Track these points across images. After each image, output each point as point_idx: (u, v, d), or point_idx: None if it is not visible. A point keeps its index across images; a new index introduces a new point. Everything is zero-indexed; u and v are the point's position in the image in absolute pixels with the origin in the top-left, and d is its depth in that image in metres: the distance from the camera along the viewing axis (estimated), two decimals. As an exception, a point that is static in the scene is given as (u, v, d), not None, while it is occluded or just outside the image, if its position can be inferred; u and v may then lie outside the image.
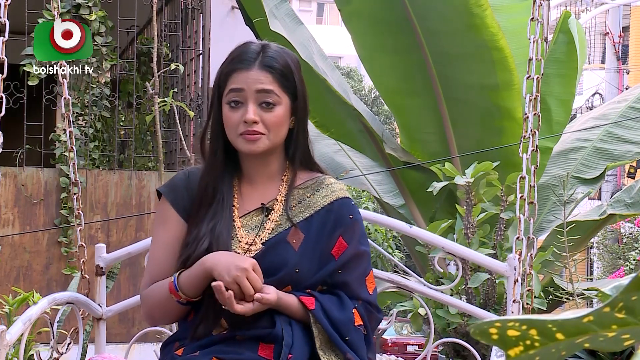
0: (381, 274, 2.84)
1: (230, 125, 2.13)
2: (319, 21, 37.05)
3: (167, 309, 2.15)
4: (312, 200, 2.20)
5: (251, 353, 2.06)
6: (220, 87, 2.16)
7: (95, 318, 2.83)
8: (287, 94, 2.15)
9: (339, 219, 2.18)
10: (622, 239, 15.40)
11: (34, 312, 2.39)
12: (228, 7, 7.64)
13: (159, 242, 2.20)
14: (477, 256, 2.89)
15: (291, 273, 2.10)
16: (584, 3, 21.87)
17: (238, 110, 2.12)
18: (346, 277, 2.16)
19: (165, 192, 2.22)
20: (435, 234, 3.06)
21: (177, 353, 2.12)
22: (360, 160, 7.70)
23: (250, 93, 2.11)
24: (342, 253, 2.15)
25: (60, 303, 2.63)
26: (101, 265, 2.85)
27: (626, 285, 0.70)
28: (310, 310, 2.09)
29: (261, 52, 2.15)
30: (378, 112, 27.25)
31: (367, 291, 2.19)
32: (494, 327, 0.73)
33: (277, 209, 2.18)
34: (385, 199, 7.51)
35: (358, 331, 2.14)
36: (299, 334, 2.10)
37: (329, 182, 2.25)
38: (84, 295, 2.79)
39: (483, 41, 6.11)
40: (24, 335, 2.36)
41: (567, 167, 7.05)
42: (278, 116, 2.13)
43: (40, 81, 6.73)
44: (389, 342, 16.92)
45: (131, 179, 7.01)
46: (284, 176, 2.22)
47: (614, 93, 18.68)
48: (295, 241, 2.14)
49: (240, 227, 2.16)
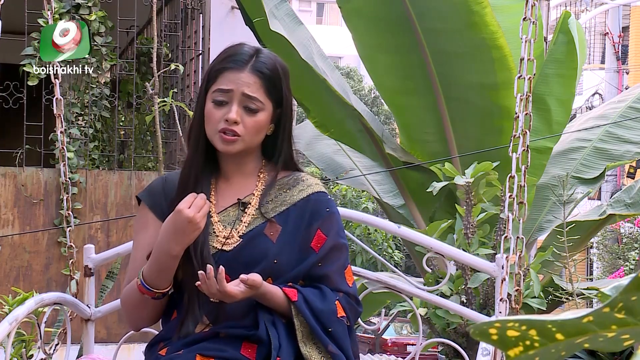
0: (371, 274, 2.83)
1: (211, 121, 2.15)
2: (319, 21, 37.05)
3: (143, 308, 2.18)
4: (289, 195, 2.22)
5: (234, 351, 2.07)
6: (208, 82, 2.18)
7: (83, 319, 2.82)
8: (271, 100, 2.17)
9: (316, 212, 2.20)
10: (622, 239, 15.40)
11: (21, 313, 2.39)
12: (228, 7, 7.63)
13: (139, 246, 2.23)
14: (466, 257, 2.88)
15: (270, 264, 2.12)
16: (584, 3, 21.88)
17: (221, 108, 2.15)
18: (326, 270, 2.18)
19: (143, 197, 2.27)
20: (423, 234, 3.05)
21: (160, 353, 2.13)
22: (360, 160, 7.71)
23: (236, 94, 2.14)
24: (322, 245, 2.17)
25: (47, 304, 2.62)
26: (90, 266, 2.84)
27: (626, 285, 0.70)
28: (293, 301, 2.10)
29: (254, 55, 2.18)
30: (378, 112, 27.25)
31: (347, 284, 2.21)
32: (494, 327, 0.73)
33: (254, 203, 2.20)
34: (385, 199, 7.51)
35: (341, 323, 2.15)
36: (284, 334, 2.11)
37: (304, 177, 2.27)
38: (72, 296, 2.78)
39: (482, 40, 6.11)
40: (11, 335, 2.35)
41: (567, 167, 7.05)
42: (259, 122, 2.16)
43: (40, 81, 6.73)
44: (389, 342, 16.91)
45: (131, 179, 7.01)
46: (260, 173, 2.24)
47: (614, 93, 18.69)
48: (273, 233, 2.16)
49: (217, 222, 2.18)
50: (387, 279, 2.82)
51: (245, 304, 2.11)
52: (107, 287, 3.59)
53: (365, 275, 2.82)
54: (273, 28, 5.95)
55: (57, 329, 3.53)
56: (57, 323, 3.68)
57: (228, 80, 2.15)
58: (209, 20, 7.45)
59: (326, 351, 2.11)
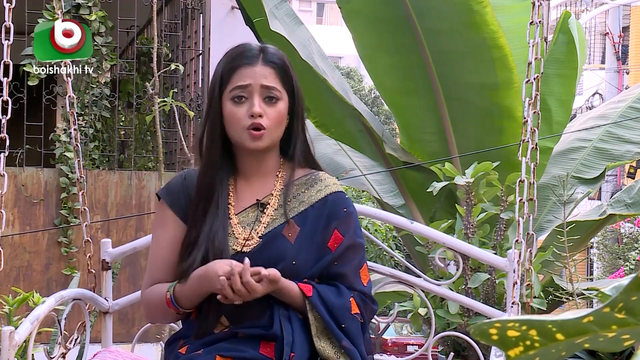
0: (382, 268, 2.85)
1: (236, 120, 2.16)
2: (319, 21, 37.05)
3: (166, 315, 2.24)
4: (307, 195, 2.23)
5: (253, 351, 2.09)
6: (222, 85, 2.19)
7: (101, 312, 2.86)
8: (286, 90, 2.20)
9: (334, 212, 2.21)
10: (622, 239, 15.41)
11: (42, 311, 2.40)
12: (228, 7, 7.64)
13: (159, 243, 2.25)
14: (478, 252, 2.92)
15: (289, 265, 2.14)
16: (584, 3, 21.88)
17: (243, 105, 2.16)
18: (342, 269, 2.19)
19: (163, 195, 2.27)
20: (436, 230, 3.08)
21: (180, 351, 2.15)
22: (360, 160, 7.70)
23: (255, 87, 2.16)
24: (339, 245, 2.19)
25: (67, 300, 2.66)
26: (107, 259, 2.89)
27: (626, 285, 0.70)
28: (308, 297, 2.12)
29: (262, 50, 2.21)
30: (378, 112, 27.26)
31: (362, 282, 2.22)
32: (494, 327, 0.73)
33: (273, 204, 2.21)
34: (385, 199, 7.50)
35: (355, 319, 2.16)
36: (299, 330, 2.12)
37: (323, 177, 2.28)
38: (89, 291, 2.82)
39: (483, 39, 6.11)
40: (32, 335, 2.36)
41: (567, 167, 7.05)
42: (280, 111, 2.18)
43: (40, 81, 6.73)
44: (389, 342, 16.91)
45: (131, 179, 7.01)
46: (278, 172, 2.26)
47: (614, 93, 18.68)
48: (291, 234, 2.17)
49: (237, 224, 2.19)
50: (400, 274, 2.85)
51: (262, 304, 2.12)
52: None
53: (379, 270, 2.84)
54: (273, 28, 5.95)
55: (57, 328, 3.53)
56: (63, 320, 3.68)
57: (244, 75, 2.17)
58: (209, 20, 7.45)
59: (340, 346, 2.12)
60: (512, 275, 2.72)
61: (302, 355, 2.09)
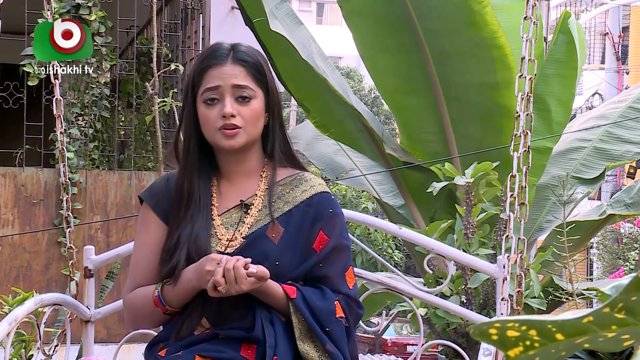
0: (372, 275, 2.82)
1: (208, 122, 2.15)
2: (319, 21, 37.04)
3: (151, 317, 2.20)
4: (292, 196, 2.21)
5: (233, 352, 2.07)
6: (194, 87, 2.18)
7: (83, 320, 2.81)
8: (261, 88, 2.18)
9: (319, 213, 2.19)
10: (622, 239, 15.40)
11: (20, 313, 2.38)
12: (228, 7, 7.63)
13: (142, 246, 2.23)
14: (466, 257, 2.87)
15: (272, 266, 2.10)
16: (584, 3, 21.87)
17: (215, 107, 2.14)
18: (327, 271, 2.17)
19: (146, 197, 2.25)
20: (424, 235, 3.04)
21: (160, 354, 2.13)
22: (360, 160, 7.70)
23: (226, 88, 2.14)
24: (324, 247, 2.16)
25: (47, 304, 2.60)
26: (90, 267, 2.83)
27: (626, 285, 0.70)
28: (292, 299, 2.10)
29: (232, 49, 2.19)
30: (378, 112, 27.25)
31: (348, 286, 2.19)
32: (494, 327, 0.72)
33: (257, 204, 2.19)
34: (385, 199, 7.50)
35: (339, 323, 2.14)
36: (282, 333, 2.10)
37: (308, 177, 2.25)
38: (72, 298, 2.78)
39: (483, 39, 6.11)
40: (10, 335, 2.35)
41: (566, 167, 7.05)
42: (255, 109, 2.15)
43: (40, 81, 6.73)
44: (389, 342, 16.90)
45: (131, 179, 7.01)
46: (262, 172, 2.23)
47: (614, 93, 18.68)
48: (275, 235, 2.15)
49: (220, 225, 2.17)
50: (388, 280, 2.80)
51: (244, 306, 2.11)
52: (107, 287, 3.59)
53: (366, 277, 2.81)
54: (273, 28, 5.95)
55: (57, 329, 3.53)
56: (57, 323, 3.68)
57: (213, 77, 2.15)
58: (209, 20, 7.45)
59: (323, 350, 2.10)
60: (501, 281, 2.65)
61: (285, 358, 2.07)
